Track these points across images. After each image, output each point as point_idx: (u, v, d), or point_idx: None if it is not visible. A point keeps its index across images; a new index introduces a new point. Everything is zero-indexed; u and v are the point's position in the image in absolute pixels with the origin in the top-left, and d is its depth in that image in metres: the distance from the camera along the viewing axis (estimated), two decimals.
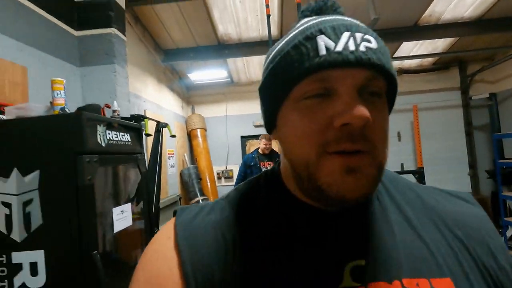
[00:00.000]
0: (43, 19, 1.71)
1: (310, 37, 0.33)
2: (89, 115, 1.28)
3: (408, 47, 4.21)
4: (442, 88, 4.81)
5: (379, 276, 0.34)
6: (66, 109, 1.29)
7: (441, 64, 4.77)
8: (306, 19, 0.38)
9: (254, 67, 4.54)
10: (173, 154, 4.08)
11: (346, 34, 0.32)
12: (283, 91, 0.36)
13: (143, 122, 1.85)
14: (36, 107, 1.27)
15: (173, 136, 2.39)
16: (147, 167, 1.97)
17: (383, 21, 3.44)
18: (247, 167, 3.36)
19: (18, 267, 1.22)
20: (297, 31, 0.36)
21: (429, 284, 0.34)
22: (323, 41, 0.32)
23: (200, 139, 4.71)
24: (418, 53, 4.33)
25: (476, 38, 4.04)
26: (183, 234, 0.39)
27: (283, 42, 0.38)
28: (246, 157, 3.46)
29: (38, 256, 1.21)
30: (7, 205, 1.23)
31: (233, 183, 4.98)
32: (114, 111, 1.56)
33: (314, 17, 0.37)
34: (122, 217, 1.50)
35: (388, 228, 0.38)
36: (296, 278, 0.35)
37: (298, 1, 2.56)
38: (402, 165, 4.75)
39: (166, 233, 0.42)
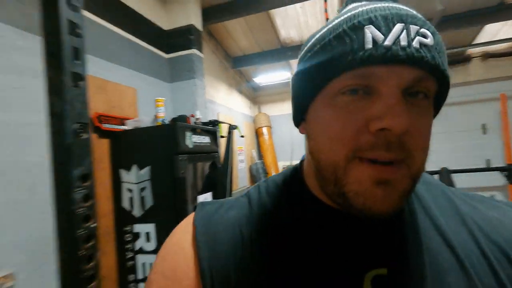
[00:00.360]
0: (143, 48, 2.23)
1: (357, 27, 0.30)
2: (181, 125, 1.70)
3: (493, 29, 3.73)
4: None
5: (400, 287, 0.33)
6: (165, 121, 1.73)
7: None
8: (354, 4, 0.34)
9: None
10: (243, 150, 4.52)
11: (399, 26, 0.28)
12: (319, 83, 0.33)
13: (217, 126, 2.23)
14: (145, 120, 1.74)
15: (242, 136, 2.75)
16: (221, 163, 2.37)
17: (459, 4, 3.18)
18: None
19: (138, 235, 1.72)
20: (342, 18, 0.32)
21: None
22: (371, 33, 0.29)
23: (266, 136, 5.07)
24: (506, 35, 3.79)
25: None
26: (202, 230, 0.40)
27: (326, 29, 0.33)
28: None
29: (151, 228, 1.68)
30: (130, 190, 1.73)
31: None
32: (197, 118, 1.96)
33: (364, 3, 0.32)
34: None
35: (414, 234, 0.36)
36: (313, 282, 0.34)
37: None
38: (488, 161, 4.24)
39: (185, 227, 0.43)
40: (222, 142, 2.44)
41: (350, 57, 0.29)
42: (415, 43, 0.28)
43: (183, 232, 0.42)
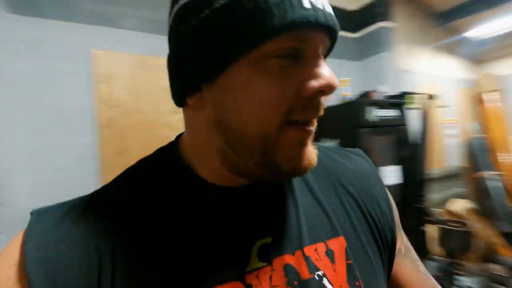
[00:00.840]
0: None
1: None
2: (360, 101, 1.85)
3: None
4: None
5: (283, 250, 0.34)
6: (351, 99, 1.94)
7: None
8: None
9: None
10: (455, 123, 3.82)
11: None
12: (246, 43, 0.27)
13: (405, 98, 2.14)
14: (334, 98, 2.04)
15: (445, 107, 2.43)
16: (415, 138, 2.25)
17: None
18: None
19: None
20: None
21: (325, 246, 0.36)
22: None
23: (491, 103, 3.93)
24: None
25: None
26: (36, 256, 0.28)
27: None
28: None
29: None
30: None
31: None
32: (382, 93, 2.01)
33: None
34: (392, 175, 1.96)
35: (293, 200, 0.38)
36: (206, 260, 0.32)
37: None
38: None
39: (10, 255, 0.29)
40: (417, 115, 2.30)
41: (292, 15, 0.26)
42: (327, 8, 0.29)
43: (8, 262, 0.28)
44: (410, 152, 2.10)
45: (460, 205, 3.26)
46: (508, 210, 3.41)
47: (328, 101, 2.08)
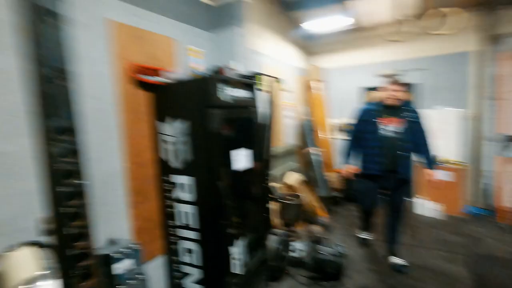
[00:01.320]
0: None
1: None
2: (212, 76, 1.60)
3: None
4: None
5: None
6: (202, 73, 1.65)
7: None
8: None
9: (379, 8, 3.95)
10: (290, 105, 4.32)
11: None
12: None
13: (256, 78, 2.08)
14: (183, 72, 1.69)
15: (285, 90, 2.57)
16: (261, 118, 2.27)
17: None
18: (361, 123, 2.58)
19: (175, 185, 1.78)
20: None
21: None
22: None
23: (316, 91, 4.73)
24: None
25: None
26: None
27: None
28: (362, 110, 2.62)
29: (188, 180, 1.73)
30: (169, 143, 1.76)
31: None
32: (234, 71, 1.84)
33: None
34: (240, 159, 1.86)
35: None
36: None
37: None
38: None
39: None
40: (264, 96, 2.32)
41: None
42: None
43: None
44: (259, 133, 2.09)
45: (293, 178, 3.79)
46: (324, 178, 4.30)
47: (176, 73, 1.71)
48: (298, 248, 2.75)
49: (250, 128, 2.00)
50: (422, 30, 2.50)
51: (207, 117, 1.57)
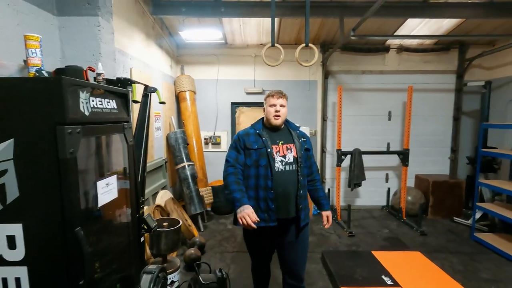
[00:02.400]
0: None
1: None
2: (71, 80, 1.13)
3: (413, 24, 4.03)
4: (439, 70, 4.75)
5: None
6: (43, 71, 1.12)
7: (443, 44, 4.65)
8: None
9: (251, 29, 4.24)
10: (160, 116, 3.91)
11: None
12: None
13: (130, 87, 1.68)
14: (7, 65, 1.10)
15: (162, 102, 2.24)
16: (133, 135, 1.86)
17: None
18: (246, 152, 1.86)
19: None
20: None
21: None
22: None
23: (188, 102, 4.52)
24: (423, 30, 4.17)
25: (481, 22, 3.90)
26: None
27: None
28: (243, 135, 1.90)
29: (16, 229, 1.13)
30: None
31: (221, 149, 4.93)
32: (99, 74, 1.39)
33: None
34: (107, 190, 1.42)
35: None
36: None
37: None
38: (388, 144, 4.82)
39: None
40: (136, 108, 1.91)
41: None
42: None
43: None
44: (132, 153, 1.68)
45: (164, 197, 3.40)
46: (197, 194, 4.10)
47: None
48: (173, 279, 2.43)
49: (121, 148, 1.57)
50: (284, 58, 2.79)
51: (58, 138, 1.08)
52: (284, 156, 1.82)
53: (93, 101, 1.27)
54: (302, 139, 1.93)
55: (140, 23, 3.16)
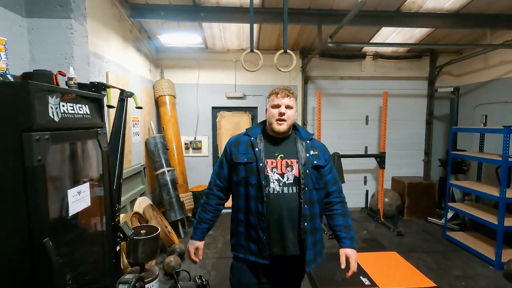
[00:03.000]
0: None
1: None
2: (39, 85, 1.09)
3: (387, 32, 4.21)
4: (412, 77, 4.97)
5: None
6: (8, 75, 1.08)
7: (415, 52, 4.88)
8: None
9: (231, 34, 4.26)
10: (138, 121, 3.83)
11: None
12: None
13: (105, 91, 1.64)
14: None
15: (139, 107, 2.19)
16: (108, 141, 1.80)
17: (369, 5, 3.35)
18: (233, 167, 1.48)
19: None
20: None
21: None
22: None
23: (168, 107, 4.45)
24: (396, 38, 4.35)
25: (449, 32, 4.13)
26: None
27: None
28: (233, 142, 1.52)
29: None
30: None
31: (202, 154, 4.89)
32: (70, 78, 1.35)
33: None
34: (79, 198, 1.37)
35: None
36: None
37: None
38: (366, 147, 4.97)
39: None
40: (111, 113, 1.86)
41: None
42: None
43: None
44: (107, 160, 1.63)
45: (143, 204, 3.31)
46: (177, 200, 4.03)
47: None
48: None
49: (95, 155, 1.52)
50: (265, 63, 2.83)
51: (24, 145, 1.03)
52: (282, 175, 1.38)
53: (63, 106, 1.23)
54: (312, 153, 1.43)
55: (117, 26, 3.09)
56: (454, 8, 3.52)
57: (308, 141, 1.47)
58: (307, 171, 1.39)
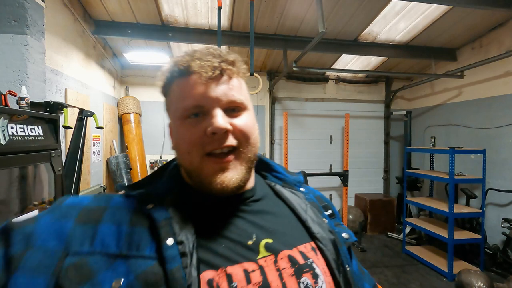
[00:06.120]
0: None
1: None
2: None
3: (347, 59, 4.53)
4: (371, 100, 5.35)
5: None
6: None
7: (372, 78, 5.28)
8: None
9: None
10: (100, 140, 3.65)
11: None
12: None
13: (61, 111, 1.56)
14: None
15: (100, 127, 2.11)
16: (64, 163, 1.70)
17: (329, 33, 3.62)
18: None
19: None
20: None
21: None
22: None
23: (133, 125, 4.30)
24: (356, 64, 4.70)
25: (401, 61, 4.56)
26: None
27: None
28: (76, 230, 0.43)
29: None
30: None
31: None
32: (22, 98, 1.27)
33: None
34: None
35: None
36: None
37: None
38: (330, 166, 5.16)
39: None
40: (74, 133, 1.76)
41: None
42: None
43: None
44: (61, 184, 1.53)
45: None
46: None
47: None
48: None
49: (48, 179, 1.42)
50: None
51: None
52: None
53: (12, 128, 1.15)
54: (328, 213, 0.62)
55: (79, 42, 2.99)
56: (403, 40, 3.91)
57: (302, 189, 0.64)
58: (348, 267, 0.53)
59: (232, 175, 0.47)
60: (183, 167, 0.51)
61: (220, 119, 0.46)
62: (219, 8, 2.47)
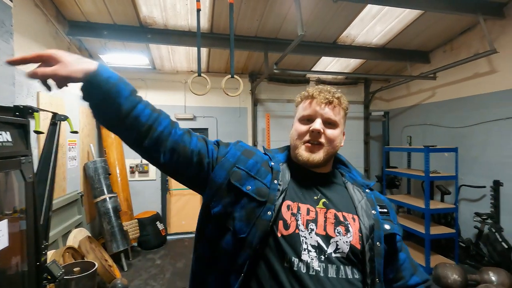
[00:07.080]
0: None
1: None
2: None
3: (327, 61, 4.62)
4: (350, 101, 5.43)
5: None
6: None
7: (352, 79, 5.41)
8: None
9: (180, 56, 4.25)
10: (76, 144, 3.52)
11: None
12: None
13: (32, 115, 1.50)
14: None
15: (75, 132, 2.03)
16: (35, 170, 1.62)
17: (309, 36, 3.67)
18: (220, 192, 0.77)
19: None
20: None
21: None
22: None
23: None
24: (335, 66, 4.80)
25: (378, 63, 4.71)
26: None
27: None
28: (245, 150, 0.85)
29: None
30: None
31: (149, 178, 4.64)
32: None
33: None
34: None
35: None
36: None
37: (231, 1, 2.48)
38: None
39: None
40: (46, 139, 1.69)
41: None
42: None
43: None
44: (31, 192, 1.46)
45: (78, 236, 2.98)
46: (120, 229, 3.71)
47: None
48: None
49: (17, 187, 1.35)
50: (215, 85, 2.88)
51: None
52: (327, 239, 0.72)
53: None
54: (381, 210, 0.83)
55: (52, 43, 2.88)
56: (380, 43, 4.04)
57: (368, 190, 0.85)
58: (378, 244, 0.74)
59: (314, 156, 0.79)
60: (291, 147, 0.87)
61: (318, 124, 0.79)
62: (198, 10, 2.46)
